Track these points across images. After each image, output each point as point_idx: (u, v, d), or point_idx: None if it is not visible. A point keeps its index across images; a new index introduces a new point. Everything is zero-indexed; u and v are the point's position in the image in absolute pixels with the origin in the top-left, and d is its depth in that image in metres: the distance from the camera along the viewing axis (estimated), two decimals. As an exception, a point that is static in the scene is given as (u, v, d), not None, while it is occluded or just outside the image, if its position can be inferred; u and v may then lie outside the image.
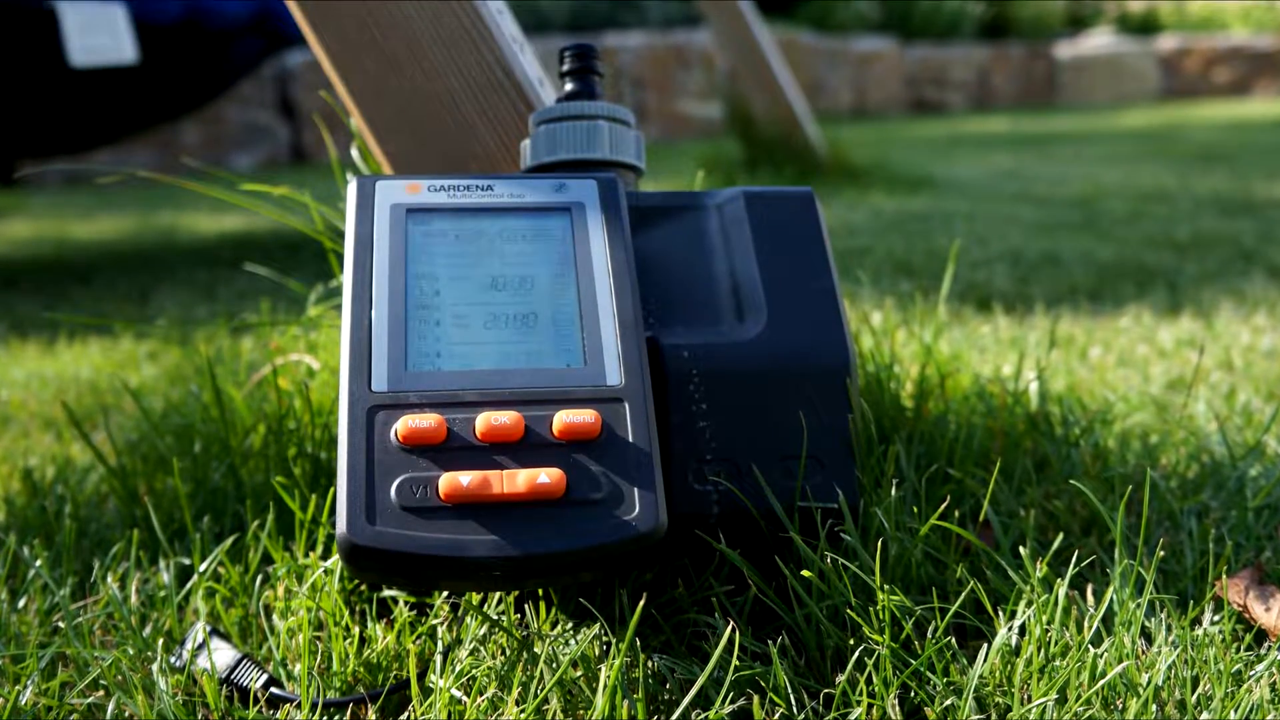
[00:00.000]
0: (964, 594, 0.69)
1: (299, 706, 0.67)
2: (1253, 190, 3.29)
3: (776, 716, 0.64)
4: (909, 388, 1.04)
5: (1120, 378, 1.34)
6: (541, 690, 0.65)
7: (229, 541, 0.83)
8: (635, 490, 0.64)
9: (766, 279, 0.79)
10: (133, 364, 1.67)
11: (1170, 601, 0.72)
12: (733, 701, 0.65)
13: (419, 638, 0.73)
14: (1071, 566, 0.70)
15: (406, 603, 0.76)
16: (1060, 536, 0.75)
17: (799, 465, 0.74)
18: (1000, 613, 0.70)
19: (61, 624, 0.76)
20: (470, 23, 0.93)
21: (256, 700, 0.68)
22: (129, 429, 1.24)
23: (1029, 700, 0.64)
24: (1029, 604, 0.69)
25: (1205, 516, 0.89)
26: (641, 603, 0.65)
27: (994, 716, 0.64)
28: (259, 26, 3.09)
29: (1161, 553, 0.72)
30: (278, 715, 0.68)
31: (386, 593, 0.78)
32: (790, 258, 0.80)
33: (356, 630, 0.73)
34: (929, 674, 0.65)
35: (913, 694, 0.65)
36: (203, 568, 0.81)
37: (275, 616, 0.78)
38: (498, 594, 0.73)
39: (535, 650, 0.69)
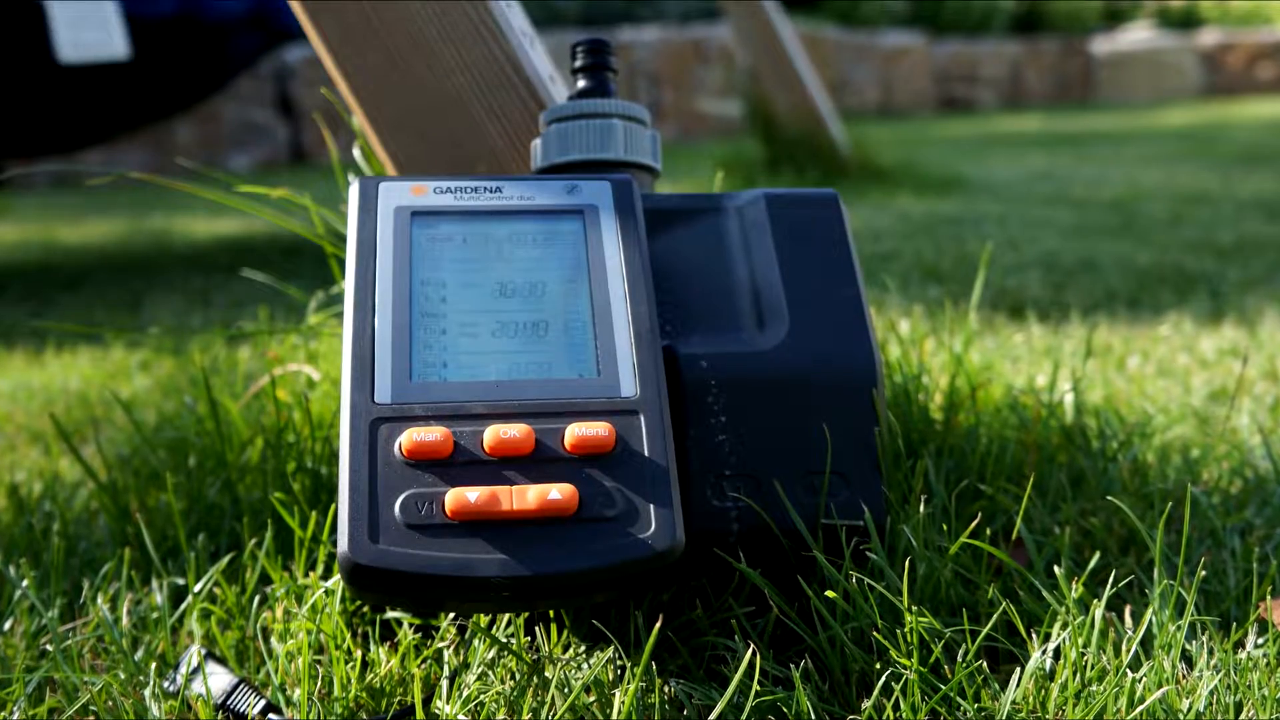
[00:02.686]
0: (996, 615, 0.69)
1: (298, 733, 0.67)
2: (1300, 192, 3.29)
3: (799, 744, 0.64)
4: (938, 399, 1.04)
5: (1160, 389, 1.34)
6: (553, 716, 0.65)
7: (225, 561, 0.83)
8: (651, 507, 0.64)
9: (789, 285, 0.79)
10: (124, 374, 1.67)
11: (1212, 623, 0.72)
12: (753, 728, 0.65)
13: (424, 661, 0.73)
14: (1109, 587, 0.70)
15: (411, 625, 0.76)
16: (1097, 555, 0.75)
17: (823, 480, 0.74)
18: (1034, 635, 0.70)
19: (49, 647, 0.77)
20: (478, 17, 0.93)
21: (254, 726, 0.69)
22: (120, 443, 1.24)
23: (1064, 728, 0.64)
24: (1064, 626, 0.69)
25: (1249, 534, 0.88)
26: (658, 625, 0.65)
27: (1027, 745, 0.64)
28: (256, 21, 3.10)
29: (1203, 572, 0.72)
30: (276, 742, 0.68)
31: (390, 614, 0.78)
32: (814, 263, 0.80)
33: (359, 653, 0.73)
34: (959, 699, 0.65)
35: (942, 721, 0.65)
36: (197, 588, 0.81)
37: (274, 639, 0.78)
38: (507, 616, 0.74)
39: (546, 675, 0.69)
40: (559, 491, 0.63)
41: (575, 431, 0.66)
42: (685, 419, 0.74)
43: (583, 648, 0.72)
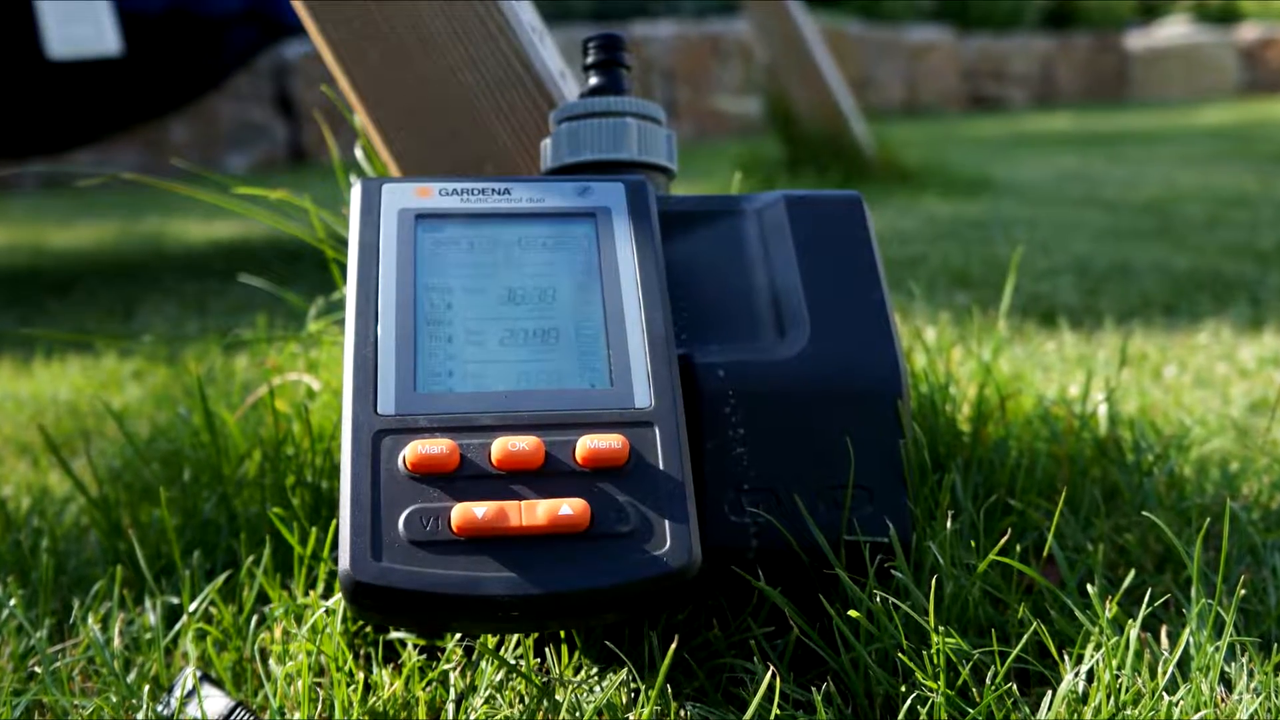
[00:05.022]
0: (1026, 636, 0.69)
1: (298, 758, 0.67)
2: (1344, 193, 3.29)
3: (820, 771, 0.64)
4: (966, 410, 1.04)
5: (1197, 399, 1.34)
6: (563, 741, 0.65)
7: (221, 579, 0.83)
8: (666, 523, 0.64)
9: (810, 291, 0.79)
10: (116, 384, 1.67)
11: (1252, 644, 0.72)
12: (772, 754, 0.65)
13: (429, 684, 0.73)
14: (1144, 606, 0.70)
15: (416, 646, 0.76)
16: (1131, 573, 0.75)
17: (845, 495, 0.74)
18: (1066, 656, 0.69)
19: (38, 669, 0.77)
20: (485, 11, 0.93)
21: (251, 751, 0.69)
22: (112, 455, 1.24)
23: (1098, 754, 0.64)
24: (1097, 647, 0.69)
25: (1291, 552, 0.88)
26: (673, 646, 0.65)
27: (1060, 771, 0.64)
28: (254, 15, 3.10)
29: (1242, 591, 0.72)
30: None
31: (394, 635, 0.78)
32: (836, 268, 0.80)
33: (361, 676, 0.73)
34: (988, 725, 0.65)
35: (970, 746, 0.65)
36: (192, 607, 0.81)
37: (272, 661, 0.78)
38: (516, 636, 0.74)
39: (557, 698, 0.69)
40: (570, 506, 0.63)
41: (587, 444, 0.65)
42: (702, 430, 0.74)
43: (595, 670, 0.72)
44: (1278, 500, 0.98)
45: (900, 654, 0.69)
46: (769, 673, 0.66)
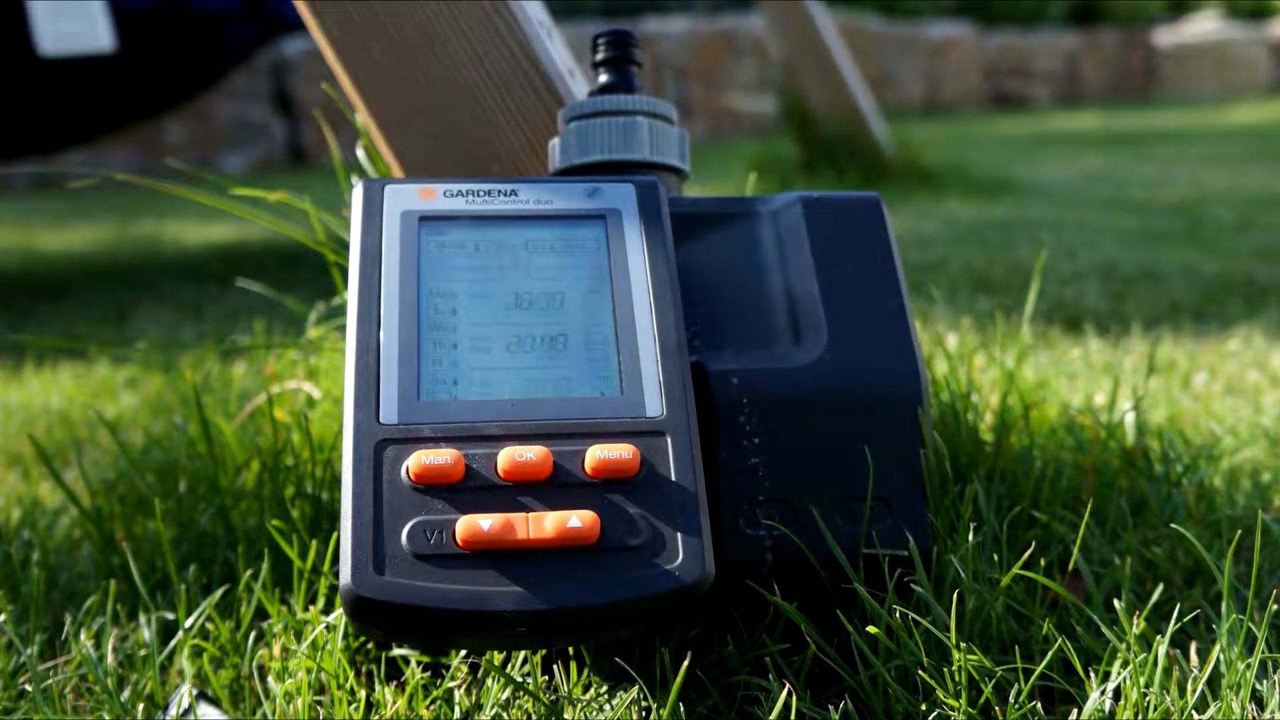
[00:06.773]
0: (1051, 653, 0.69)
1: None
2: (1380, 195, 3.28)
3: (838, 792, 0.64)
4: (988, 419, 1.04)
5: (1228, 408, 1.34)
6: (571, 761, 0.65)
7: (218, 593, 0.83)
8: (678, 535, 0.64)
9: (827, 296, 0.79)
10: (109, 392, 1.68)
11: (1286, 662, 0.71)
12: (788, 775, 0.65)
13: (433, 702, 0.73)
14: (1173, 622, 0.70)
15: (419, 663, 0.76)
16: (1160, 588, 0.75)
17: (863, 507, 0.74)
18: (1092, 674, 0.69)
19: (29, 687, 0.77)
20: (491, 6, 0.93)
21: (250, 772, 0.69)
22: (105, 466, 1.24)
23: (1126, 775, 0.63)
24: (1124, 664, 0.69)
25: (1326, 566, 0.88)
26: (685, 663, 0.65)
27: (1086, 793, 0.64)
28: (251, 11, 3.10)
29: (1274, 606, 0.72)
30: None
31: (397, 651, 0.78)
32: (854, 272, 0.80)
33: (363, 694, 0.73)
34: (1012, 745, 0.65)
35: (993, 767, 0.65)
36: (188, 623, 0.81)
37: (271, 678, 0.78)
38: (522, 653, 0.73)
39: (565, 716, 0.69)
40: (579, 519, 0.63)
41: (596, 454, 0.65)
42: (715, 440, 0.74)
43: (604, 687, 0.72)
44: (1312, 512, 0.98)
45: (921, 671, 0.69)
46: (785, 690, 0.66)
